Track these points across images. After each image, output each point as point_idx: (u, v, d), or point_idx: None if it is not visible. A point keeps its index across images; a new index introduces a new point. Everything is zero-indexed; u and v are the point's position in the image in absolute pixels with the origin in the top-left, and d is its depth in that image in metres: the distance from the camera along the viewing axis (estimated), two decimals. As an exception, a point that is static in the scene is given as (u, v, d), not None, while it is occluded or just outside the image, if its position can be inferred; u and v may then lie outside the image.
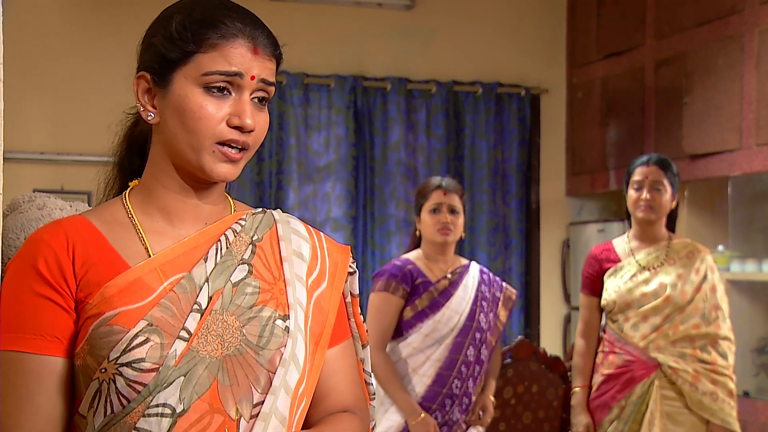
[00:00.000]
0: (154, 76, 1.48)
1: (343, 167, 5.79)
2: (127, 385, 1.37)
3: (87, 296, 1.42)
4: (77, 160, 5.49)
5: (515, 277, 6.14)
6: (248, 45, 1.45)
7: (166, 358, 1.38)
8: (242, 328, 1.45)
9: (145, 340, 1.38)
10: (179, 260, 1.46)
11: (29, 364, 1.40)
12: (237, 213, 1.57)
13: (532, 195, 6.26)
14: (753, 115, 4.72)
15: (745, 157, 4.78)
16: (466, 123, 6.05)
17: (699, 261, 3.76)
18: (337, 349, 1.59)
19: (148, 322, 1.39)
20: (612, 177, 5.86)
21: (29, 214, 1.63)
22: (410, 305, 3.55)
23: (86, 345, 1.40)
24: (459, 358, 3.53)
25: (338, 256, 1.62)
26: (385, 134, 5.89)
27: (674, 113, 5.28)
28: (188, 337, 1.41)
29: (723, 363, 3.69)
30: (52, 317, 1.41)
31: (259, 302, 1.48)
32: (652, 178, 3.74)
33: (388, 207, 5.85)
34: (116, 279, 1.42)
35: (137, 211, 1.51)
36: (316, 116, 5.79)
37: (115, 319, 1.39)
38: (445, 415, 3.50)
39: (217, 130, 1.44)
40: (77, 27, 5.57)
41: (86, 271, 1.43)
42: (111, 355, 1.38)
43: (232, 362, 1.43)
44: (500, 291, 3.74)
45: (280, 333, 1.47)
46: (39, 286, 1.41)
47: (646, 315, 3.71)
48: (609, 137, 5.90)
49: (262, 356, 1.45)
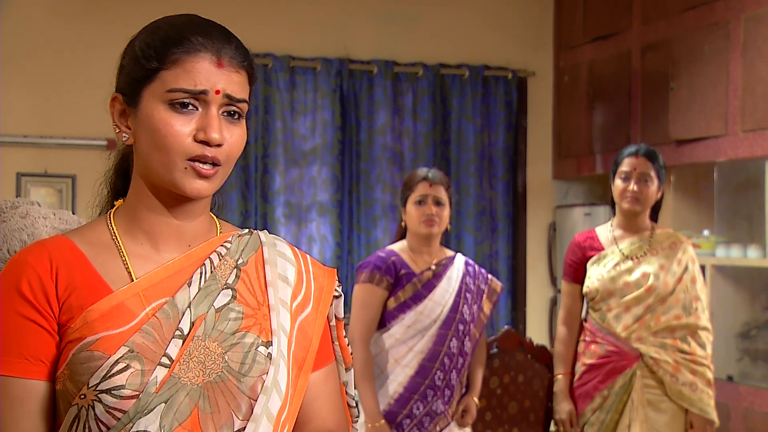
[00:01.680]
0: (126, 96, 1.47)
1: (329, 151, 5.77)
2: (107, 412, 1.36)
3: (69, 320, 1.40)
4: (61, 144, 5.47)
5: (502, 261, 6.15)
6: (212, 58, 1.43)
7: (147, 385, 1.37)
8: (224, 355, 1.43)
9: (126, 367, 1.37)
10: (162, 284, 1.45)
11: (13, 388, 1.39)
12: (222, 235, 1.55)
13: (518, 178, 6.26)
14: (738, 101, 4.72)
15: (731, 143, 4.78)
16: (453, 106, 6.03)
17: (681, 252, 3.77)
18: (320, 373, 1.57)
19: (129, 348, 1.38)
20: (598, 161, 5.86)
21: (12, 224, 1.60)
22: (393, 296, 3.55)
23: (66, 370, 1.39)
24: (442, 350, 3.53)
25: (324, 279, 1.60)
26: (371, 118, 5.87)
27: (660, 99, 5.28)
28: (170, 363, 1.39)
29: (702, 353, 3.72)
30: (37, 340, 1.40)
31: (242, 328, 1.46)
32: (640, 170, 3.74)
33: (374, 191, 5.84)
34: (99, 303, 1.40)
35: (121, 233, 1.49)
36: (302, 100, 5.77)
37: (96, 345, 1.38)
38: (426, 406, 3.51)
39: (185, 146, 1.42)
40: (61, 11, 5.52)
41: (69, 295, 1.41)
42: (91, 381, 1.36)
43: (213, 389, 1.41)
44: (485, 283, 3.74)
45: (262, 360, 1.45)
46: (23, 308, 1.40)
47: (629, 305, 3.73)
48: (595, 121, 5.90)
49: (243, 383, 1.43)
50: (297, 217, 5.74)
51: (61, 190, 5.48)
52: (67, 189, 5.48)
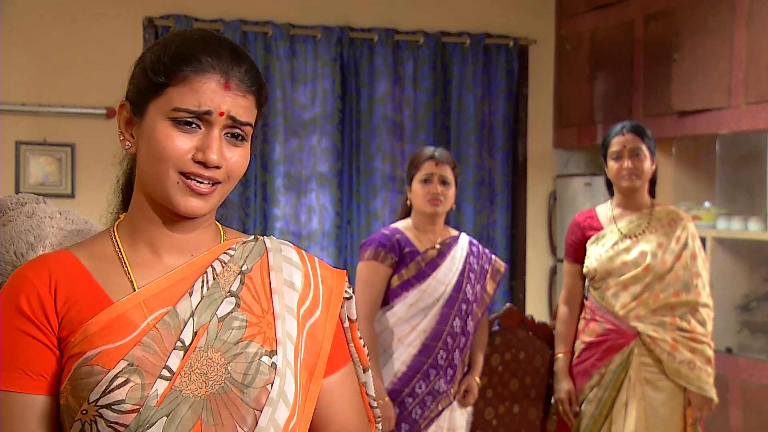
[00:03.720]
0: (133, 106, 1.47)
1: (329, 121, 5.74)
2: (108, 426, 1.36)
3: (69, 334, 1.40)
4: (60, 112, 5.43)
5: (500, 230, 6.14)
6: (219, 80, 1.42)
7: (147, 399, 1.36)
8: (227, 365, 1.42)
9: (125, 381, 1.36)
10: (164, 294, 1.44)
11: (14, 403, 1.39)
12: (226, 242, 1.54)
13: (518, 148, 6.23)
14: (742, 74, 4.69)
15: (734, 115, 4.76)
16: (454, 75, 5.99)
17: (680, 229, 3.77)
18: (336, 376, 1.56)
19: (129, 362, 1.37)
20: (599, 131, 5.83)
21: (18, 224, 1.58)
22: (397, 274, 3.55)
23: (68, 385, 1.39)
24: (445, 329, 3.53)
25: (333, 282, 1.58)
26: (371, 87, 5.83)
27: (663, 69, 5.24)
28: (170, 376, 1.38)
29: (701, 330, 3.72)
30: (36, 355, 1.40)
31: (246, 337, 1.45)
32: (630, 146, 3.74)
33: (374, 161, 5.82)
34: (99, 316, 1.40)
35: (125, 245, 1.48)
36: (302, 69, 5.72)
37: (95, 359, 1.37)
38: (428, 385, 3.52)
39: (182, 162, 1.42)
40: (58, -24, 5.46)
41: (68, 309, 1.41)
42: (91, 396, 1.36)
43: (216, 401, 1.40)
44: (489, 263, 3.74)
45: (266, 370, 1.44)
46: (22, 324, 1.40)
47: (626, 284, 3.73)
48: (597, 90, 5.86)
49: (247, 395, 1.42)
50: (296, 186, 5.72)
51: (61, 158, 5.45)
52: (66, 158, 5.45)
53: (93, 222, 1.69)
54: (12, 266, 1.55)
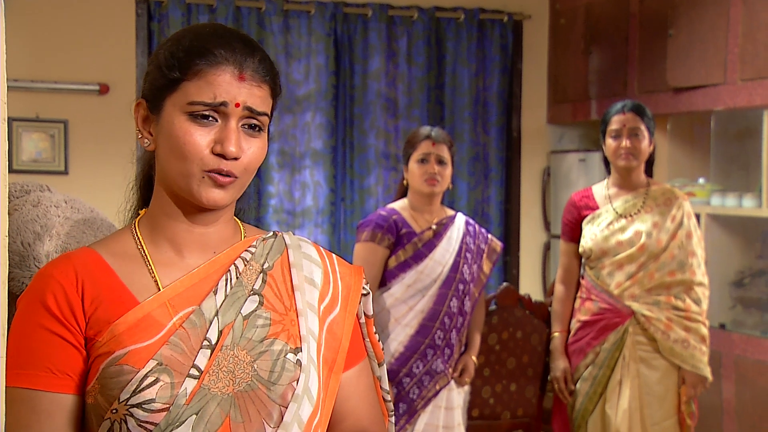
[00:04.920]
0: (149, 103, 1.48)
1: (323, 97, 5.71)
2: (139, 426, 1.37)
3: (96, 334, 1.41)
4: (53, 88, 5.39)
5: (494, 206, 6.13)
6: (234, 71, 1.43)
7: (177, 397, 1.37)
8: (253, 363, 1.44)
9: (155, 381, 1.37)
10: (189, 293, 1.45)
11: (41, 402, 1.39)
12: (247, 239, 1.55)
13: (513, 123, 6.21)
14: (738, 50, 4.67)
15: (729, 92, 4.75)
16: (448, 50, 5.96)
17: (676, 208, 3.77)
18: (352, 371, 1.58)
19: (158, 362, 1.38)
20: (594, 106, 5.82)
21: (24, 214, 1.57)
22: (394, 255, 3.54)
23: (97, 384, 1.39)
24: (442, 310, 3.54)
25: (351, 278, 1.60)
26: (365, 62, 5.80)
27: (659, 45, 5.22)
28: (198, 374, 1.40)
29: (696, 309, 3.73)
30: (63, 354, 1.40)
31: (270, 335, 1.46)
32: (629, 126, 3.73)
33: (367, 137, 5.80)
34: (125, 316, 1.40)
35: (146, 242, 1.49)
36: (296, 44, 5.69)
37: (124, 359, 1.38)
38: (426, 365, 3.53)
39: (203, 158, 1.42)
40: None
41: (95, 309, 1.41)
42: (121, 396, 1.37)
43: (243, 398, 1.42)
44: (485, 243, 3.74)
45: (291, 367, 1.46)
46: (49, 322, 1.40)
47: (621, 263, 3.74)
48: (592, 66, 5.84)
49: (273, 392, 1.44)
50: (290, 163, 5.70)
51: (54, 135, 5.41)
52: (59, 134, 5.41)
53: (98, 210, 1.68)
54: (19, 256, 1.54)
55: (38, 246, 1.57)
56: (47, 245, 1.57)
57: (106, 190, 5.48)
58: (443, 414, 3.56)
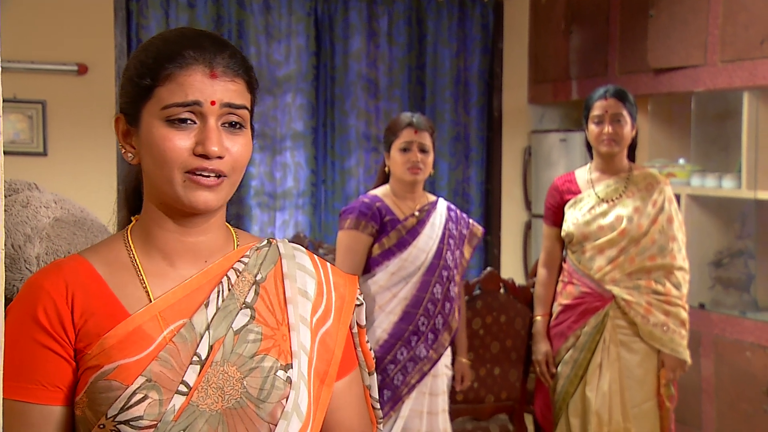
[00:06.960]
0: (128, 116, 1.45)
1: (304, 78, 5.69)
2: None
3: (86, 346, 1.39)
4: (30, 68, 5.34)
5: (475, 186, 6.14)
6: (204, 70, 1.40)
7: (165, 414, 1.36)
8: (243, 380, 1.41)
9: (144, 398, 1.35)
10: (180, 305, 1.43)
11: (31, 414, 1.39)
12: (240, 248, 1.52)
13: (494, 103, 6.21)
14: (719, 31, 4.68)
15: (709, 73, 4.76)
16: (429, 30, 5.95)
17: (657, 192, 3.78)
18: (343, 381, 1.56)
19: (147, 378, 1.36)
20: (574, 86, 5.82)
21: (13, 215, 1.54)
22: (378, 243, 3.54)
23: (85, 397, 1.38)
24: (426, 296, 3.54)
25: (345, 289, 1.57)
26: (346, 42, 5.77)
27: (639, 25, 5.22)
28: (187, 391, 1.38)
29: (676, 293, 3.76)
30: (53, 367, 1.39)
31: (261, 351, 1.44)
32: (612, 111, 3.73)
33: (348, 118, 5.78)
34: (116, 329, 1.38)
35: (138, 252, 1.47)
36: (276, 24, 5.65)
37: (113, 374, 1.37)
38: (410, 351, 3.54)
39: (183, 160, 1.40)
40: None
41: (85, 321, 1.40)
42: (109, 412, 1.36)
43: (232, 415, 1.40)
44: (467, 228, 3.74)
45: (281, 385, 1.43)
46: (39, 335, 1.39)
47: (602, 248, 3.76)
48: (572, 46, 5.84)
49: (262, 409, 1.42)
50: (271, 145, 5.68)
51: (32, 116, 5.36)
52: (37, 115, 5.37)
53: (88, 210, 1.66)
54: (9, 258, 1.53)
55: (29, 248, 1.55)
56: (37, 247, 1.55)
57: (85, 172, 5.48)
58: (427, 400, 3.58)
